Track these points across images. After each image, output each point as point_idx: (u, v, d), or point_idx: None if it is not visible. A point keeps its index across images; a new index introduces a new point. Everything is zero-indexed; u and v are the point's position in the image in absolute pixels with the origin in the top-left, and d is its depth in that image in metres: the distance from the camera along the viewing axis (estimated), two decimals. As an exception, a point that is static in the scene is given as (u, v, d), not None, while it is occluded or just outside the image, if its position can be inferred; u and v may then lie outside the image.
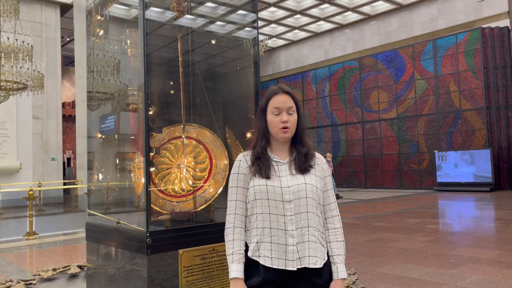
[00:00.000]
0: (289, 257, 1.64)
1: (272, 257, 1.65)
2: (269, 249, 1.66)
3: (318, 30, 21.52)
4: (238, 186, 1.75)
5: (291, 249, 1.64)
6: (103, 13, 3.60)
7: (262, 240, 1.67)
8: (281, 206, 1.66)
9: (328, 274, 1.71)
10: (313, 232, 1.68)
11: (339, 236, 1.76)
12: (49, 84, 14.28)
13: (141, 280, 2.45)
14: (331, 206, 1.78)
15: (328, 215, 1.77)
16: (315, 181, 1.72)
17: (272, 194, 1.67)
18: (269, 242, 1.66)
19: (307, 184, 1.69)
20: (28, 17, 15.07)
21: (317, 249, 1.68)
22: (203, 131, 3.20)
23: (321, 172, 1.77)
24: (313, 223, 1.68)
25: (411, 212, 10.43)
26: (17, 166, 14.92)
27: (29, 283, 4.33)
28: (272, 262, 1.65)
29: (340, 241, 1.75)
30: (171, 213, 2.91)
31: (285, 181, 1.69)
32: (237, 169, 1.77)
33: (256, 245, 1.68)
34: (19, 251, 6.92)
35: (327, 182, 1.78)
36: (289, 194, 1.67)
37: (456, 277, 4.40)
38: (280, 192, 1.67)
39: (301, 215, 1.66)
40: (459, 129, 16.94)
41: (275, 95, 1.74)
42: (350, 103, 20.58)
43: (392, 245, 6.24)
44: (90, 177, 3.82)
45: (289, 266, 1.63)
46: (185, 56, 3.29)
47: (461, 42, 16.86)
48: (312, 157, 1.76)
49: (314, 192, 1.70)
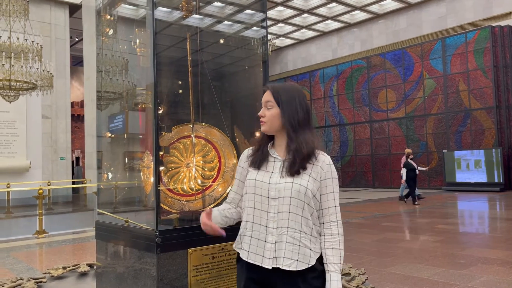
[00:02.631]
0: (266, 255, 1.63)
1: (249, 251, 1.67)
2: (248, 243, 1.68)
3: (326, 29, 21.45)
4: (236, 178, 1.84)
5: (269, 247, 1.63)
6: (111, 13, 3.61)
7: (244, 233, 1.71)
8: (266, 202, 1.65)
9: (316, 280, 1.63)
10: (293, 233, 1.62)
11: (336, 243, 1.64)
12: (58, 83, 14.37)
13: (151, 278, 2.46)
14: (330, 211, 1.67)
15: (325, 219, 1.67)
16: (307, 181, 1.64)
17: (259, 189, 1.67)
18: (249, 236, 1.68)
19: (294, 184, 1.63)
20: (38, 18, 15.19)
21: (295, 251, 1.61)
22: (212, 130, 3.20)
23: (318, 173, 1.67)
24: (293, 224, 1.62)
25: (419, 212, 10.36)
26: (27, 165, 15.05)
27: (40, 281, 4.36)
28: (248, 256, 1.67)
29: (336, 248, 1.64)
30: (180, 212, 2.91)
31: (274, 177, 1.67)
32: (239, 162, 1.85)
33: (239, 237, 1.75)
34: (29, 250, 6.99)
35: (327, 185, 1.67)
36: (274, 191, 1.64)
37: (466, 277, 4.36)
38: (267, 188, 1.66)
39: (283, 214, 1.63)
40: (468, 129, 16.80)
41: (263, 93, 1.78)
42: (358, 103, 20.50)
43: (401, 245, 6.20)
44: (100, 176, 3.84)
45: (265, 264, 1.62)
46: (193, 55, 3.29)
47: (471, 41, 16.71)
48: (305, 156, 1.66)
49: (302, 193, 1.62)
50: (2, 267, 5.51)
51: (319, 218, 1.68)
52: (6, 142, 14.88)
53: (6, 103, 11.00)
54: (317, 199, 1.66)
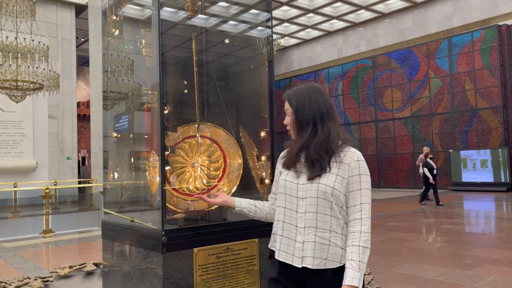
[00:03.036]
0: (296, 254, 1.66)
1: (280, 250, 1.71)
2: (280, 242, 1.73)
3: (331, 29, 21.40)
4: (274, 179, 1.91)
5: (298, 246, 1.66)
6: (117, 13, 3.63)
7: (276, 232, 1.77)
8: (295, 202, 1.69)
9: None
10: (321, 233, 1.63)
11: (356, 240, 1.61)
12: (64, 84, 14.46)
13: (157, 278, 2.47)
14: (355, 208, 1.64)
15: (350, 217, 1.65)
16: (333, 181, 1.63)
17: (289, 190, 1.71)
18: (281, 235, 1.73)
19: (320, 184, 1.64)
20: (44, 18, 15.29)
21: (326, 251, 1.62)
22: (217, 130, 3.21)
23: (345, 171, 1.65)
24: (321, 224, 1.63)
25: (425, 212, 10.32)
26: (34, 165, 15.15)
27: (47, 280, 4.39)
28: (279, 254, 1.71)
29: (356, 245, 1.60)
30: (185, 211, 2.92)
31: (302, 178, 1.69)
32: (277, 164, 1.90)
33: (273, 236, 1.80)
34: (35, 249, 7.04)
35: (354, 182, 1.64)
36: (302, 191, 1.67)
37: (472, 278, 4.34)
38: (296, 188, 1.69)
39: (311, 214, 1.65)
40: (474, 128, 16.70)
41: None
42: (364, 102, 20.44)
43: (406, 245, 6.18)
44: (106, 176, 3.86)
45: (295, 262, 1.65)
46: (199, 55, 3.30)
47: (477, 40, 16.61)
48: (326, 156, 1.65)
49: (328, 193, 1.62)
50: (9, 266, 5.55)
51: (347, 216, 1.68)
52: (13, 142, 15.00)
53: (13, 103, 11.10)
54: (346, 197, 1.66)
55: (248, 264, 2.72)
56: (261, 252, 2.78)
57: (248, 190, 3.17)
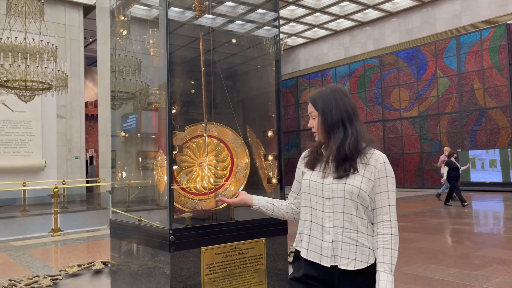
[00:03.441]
0: (324, 253, 1.67)
1: (308, 249, 1.72)
2: (307, 241, 1.73)
3: (338, 28, 21.33)
4: (295, 178, 1.91)
5: (326, 246, 1.66)
6: (124, 13, 3.65)
7: (303, 232, 1.77)
8: (321, 202, 1.70)
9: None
10: (348, 233, 1.64)
11: (387, 243, 1.62)
12: (72, 84, 14.55)
13: (164, 276, 2.48)
14: (383, 210, 1.66)
15: (378, 219, 1.66)
16: (360, 182, 1.64)
17: (314, 189, 1.72)
18: (308, 235, 1.74)
19: (347, 185, 1.64)
20: (53, 19, 15.40)
21: (352, 251, 1.63)
22: (224, 130, 3.22)
23: (371, 173, 1.66)
24: (348, 224, 1.64)
25: (433, 212, 10.26)
26: (42, 164, 15.28)
27: (55, 278, 4.43)
28: (307, 254, 1.72)
29: (388, 248, 1.62)
30: (192, 211, 2.93)
31: (328, 178, 1.70)
32: (298, 163, 1.91)
33: (299, 236, 1.80)
34: (44, 247, 7.10)
35: (381, 184, 1.66)
36: (328, 191, 1.68)
37: (481, 278, 4.31)
38: (321, 188, 1.70)
39: (337, 214, 1.66)
40: (483, 128, 16.56)
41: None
42: (371, 102, 20.35)
43: (414, 245, 6.15)
44: (114, 175, 3.88)
45: (323, 262, 1.66)
46: (206, 55, 3.31)
47: (486, 39, 16.47)
48: (354, 157, 1.66)
49: (355, 194, 1.63)
50: (18, 265, 5.61)
51: (373, 217, 1.69)
52: (22, 141, 15.13)
53: (22, 103, 11.19)
54: (371, 198, 1.67)
55: (255, 264, 2.73)
56: (268, 252, 2.78)
57: (255, 189, 3.17)
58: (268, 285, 2.77)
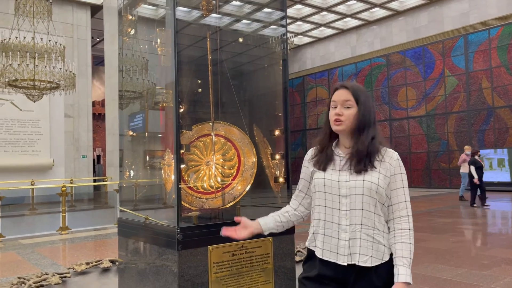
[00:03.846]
0: (340, 252, 1.66)
1: (323, 248, 1.70)
2: (322, 240, 1.71)
3: (345, 27, 21.26)
4: (302, 177, 1.88)
5: (343, 244, 1.66)
6: (132, 13, 3.66)
7: (317, 232, 1.75)
8: (337, 200, 1.68)
9: (390, 276, 1.65)
10: (366, 230, 1.64)
11: (406, 237, 1.66)
12: (80, 83, 14.64)
13: (172, 275, 2.49)
14: (400, 206, 1.69)
15: (396, 215, 1.69)
16: (377, 178, 1.66)
17: (329, 188, 1.70)
18: (322, 234, 1.72)
19: (365, 181, 1.65)
20: (60, 19, 15.50)
21: (369, 248, 1.64)
22: (231, 129, 3.22)
23: (387, 169, 1.69)
24: (367, 221, 1.65)
25: (441, 212, 10.20)
26: (50, 163, 15.40)
27: (64, 276, 4.47)
28: (323, 253, 1.70)
29: (406, 243, 1.65)
30: (200, 209, 2.94)
31: (343, 175, 1.69)
32: (303, 162, 1.87)
33: (312, 235, 1.77)
34: (52, 245, 7.15)
35: (396, 181, 1.70)
36: (345, 189, 1.67)
37: (489, 278, 4.28)
38: (337, 186, 1.68)
39: (355, 212, 1.65)
40: (491, 127, 16.43)
41: (336, 90, 1.77)
42: (378, 101, 20.27)
43: (422, 245, 6.12)
44: (122, 174, 3.91)
45: (340, 260, 1.65)
46: (213, 54, 3.32)
47: (494, 37, 16.33)
48: (374, 154, 1.68)
49: (373, 190, 1.64)
50: (27, 262, 5.66)
51: (388, 214, 1.71)
52: (30, 140, 15.26)
53: (30, 103, 11.29)
54: (387, 195, 1.69)
55: (262, 262, 2.73)
56: (275, 251, 2.78)
57: (262, 188, 3.18)
58: (275, 284, 2.77)
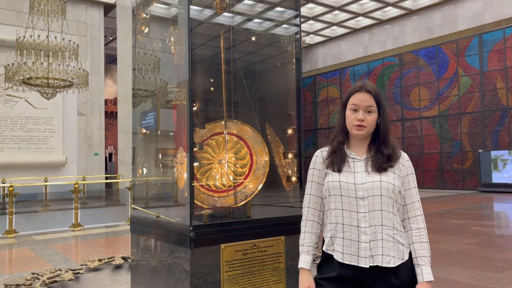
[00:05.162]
0: (362, 254, 1.64)
1: (344, 252, 1.67)
2: (341, 244, 1.68)
3: (357, 26, 21.12)
4: (313, 181, 1.81)
5: (364, 246, 1.64)
6: (144, 11, 3.68)
7: (335, 235, 1.71)
8: (354, 203, 1.66)
9: (407, 274, 1.66)
10: (387, 230, 1.64)
11: (423, 236, 1.70)
12: (92, 81, 14.77)
13: (184, 273, 2.50)
14: (414, 205, 1.72)
15: (411, 214, 1.72)
16: (393, 179, 1.67)
17: (345, 191, 1.68)
18: (341, 238, 1.69)
19: (383, 182, 1.65)
20: (74, 17, 15.66)
21: (391, 248, 1.64)
22: (244, 127, 3.22)
23: (400, 170, 1.72)
24: (387, 221, 1.64)
25: (453, 213, 10.09)
26: (63, 160, 15.58)
27: (77, 272, 4.51)
28: (343, 257, 1.67)
29: (424, 242, 1.69)
30: (212, 208, 2.94)
31: (359, 177, 1.68)
32: (312, 164, 1.82)
33: (330, 239, 1.73)
34: (65, 242, 7.23)
35: (409, 181, 1.73)
36: (363, 191, 1.65)
37: (504, 281, 4.21)
38: (354, 188, 1.67)
39: (375, 213, 1.64)
40: (506, 128, 16.19)
41: (356, 92, 1.74)
42: (390, 100, 20.10)
43: (435, 247, 6.05)
44: (134, 172, 3.93)
45: (361, 263, 1.63)
46: (225, 53, 3.31)
47: (509, 37, 16.08)
48: (396, 158, 1.72)
49: (391, 190, 1.65)
50: (40, 258, 5.73)
51: (404, 213, 1.72)
52: (44, 138, 15.45)
53: (44, 100, 11.42)
54: (402, 195, 1.70)
55: (274, 262, 2.72)
56: (287, 250, 2.77)
57: (275, 187, 3.17)
58: (286, 284, 2.76)
